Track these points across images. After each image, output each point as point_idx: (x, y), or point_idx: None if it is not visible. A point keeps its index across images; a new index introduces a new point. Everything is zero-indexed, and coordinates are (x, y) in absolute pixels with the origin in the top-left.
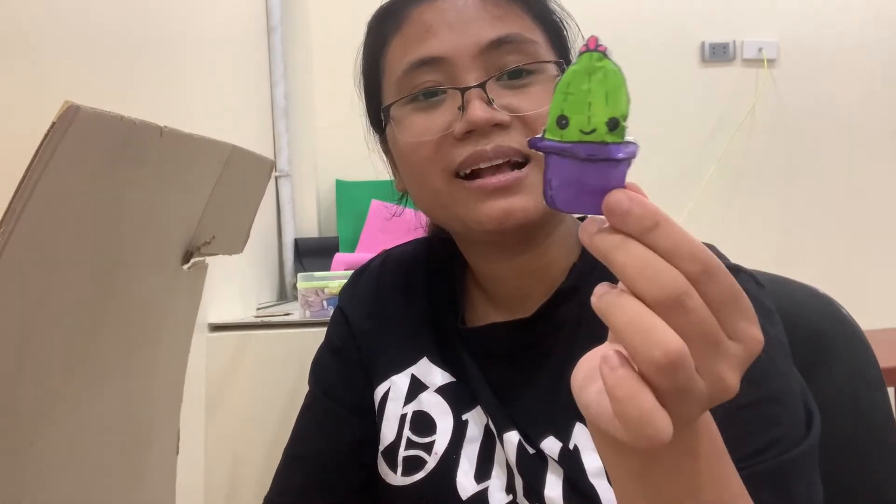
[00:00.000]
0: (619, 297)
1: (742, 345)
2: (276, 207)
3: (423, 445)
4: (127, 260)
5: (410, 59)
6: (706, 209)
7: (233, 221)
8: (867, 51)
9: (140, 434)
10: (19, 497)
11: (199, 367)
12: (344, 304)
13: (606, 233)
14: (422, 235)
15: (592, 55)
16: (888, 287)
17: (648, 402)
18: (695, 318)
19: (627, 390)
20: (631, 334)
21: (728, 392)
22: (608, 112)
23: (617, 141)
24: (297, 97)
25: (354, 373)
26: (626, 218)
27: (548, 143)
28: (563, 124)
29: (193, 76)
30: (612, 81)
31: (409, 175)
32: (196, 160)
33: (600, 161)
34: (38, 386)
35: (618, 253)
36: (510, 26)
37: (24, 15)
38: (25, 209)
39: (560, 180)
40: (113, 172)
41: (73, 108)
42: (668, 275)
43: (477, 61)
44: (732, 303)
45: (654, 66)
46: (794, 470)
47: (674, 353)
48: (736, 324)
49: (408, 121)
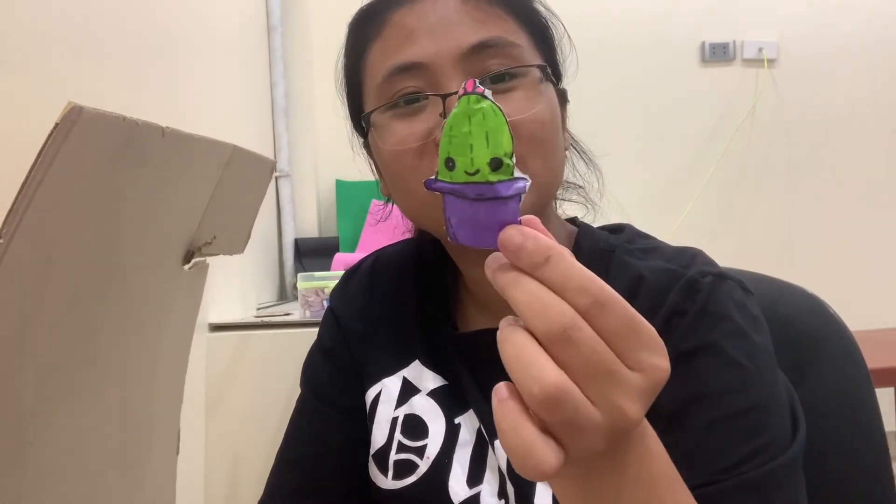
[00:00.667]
0: (511, 332)
1: (642, 374)
2: (277, 207)
3: (414, 449)
4: (128, 260)
5: (391, 65)
6: (706, 209)
7: (233, 221)
8: (867, 51)
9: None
10: (19, 497)
11: (199, 367)
12: (335, 305)
13: (503, 268)
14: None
15: (470, 98)
16: (888, 287)
17: (529, 435)
18: (585, 350)
19: (510, 423)
20: (515, 368)
21: (630, 421)
22: (490, 152)
23: (503, 179)
24: (297, 97)
25: (345, 374)
26: (519, 253)
27: (440, 185)
28: (450, 166)
29: (194, 76)
30: (492, 122)
31: (392, 182)
32: (197, 160)
33: (489, 199)
34: (38, 386)
35: (512, 288)
36: (492, 29)
37: (25, 15)
38: (28, 209)
39: (458, 218)
40: (115, 172)
41: (76, 109)
42: (555, 309)
43: (459, 66)
44: (628, 333)
45: (654, 66)
46: (779, 479)
47: (550, 387)
48: (635, 354)
49: (389, 128)
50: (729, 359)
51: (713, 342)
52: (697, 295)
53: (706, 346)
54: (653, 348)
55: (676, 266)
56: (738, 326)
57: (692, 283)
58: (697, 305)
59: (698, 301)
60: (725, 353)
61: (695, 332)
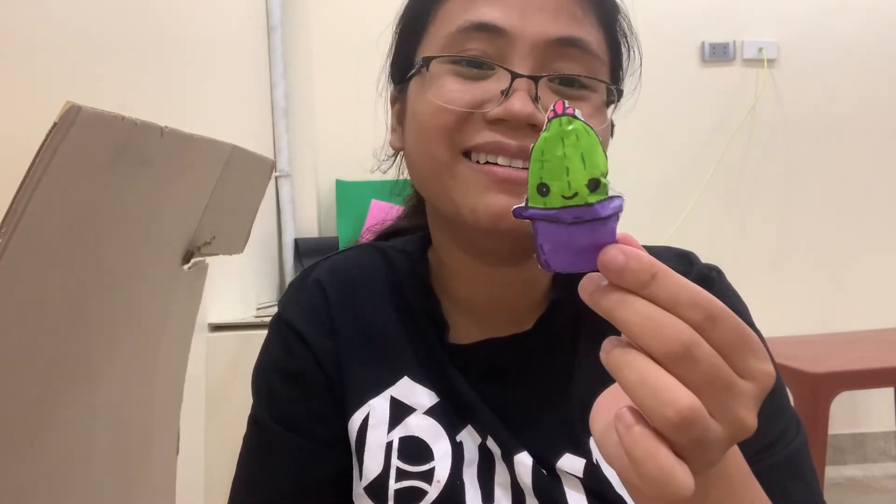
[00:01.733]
0: (626, 355)
1: (755, 382)
2: (276, 207)
3: (419, 475)
4: (127, 260)
5: (470, 18)
6: (706, 209)
7: (233, 221)
8: (867, 51)
9: (140, 434)
10: (20, 497)
11: (199, 367)
12: (294, 321)
13: (605, 290)
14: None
15: (562, 119)
16: (888, 287)
17: (667, 461)
18: (705, 366)
19: (644, 450)
20: (641, 393)
21: (748, 430)
22: (587, 174)
23: (601, 198)
24: (297, 97)
25: (319, 400)
26: (623, 273)
27: (533, 212)
28: (543, 192)
29: (194, 76)
30: (586, 142)
31: (416, 136)
32: (197, 160)
33: (588, 222)
34: (38, 386)
35: (619, 310)
36: (582, 31)
37: (25, 15)
38: (27, 209)
39: (552, 245)
40: (114, 172)
41: (74, 109)
42: (673, 327)
43: (535, 51)
44: (740, 343)
45: (654, 66)
46: (802, 455)
47: (685, 409)
48: (747, 363)
49: (442, 80)
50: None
51: None
52: (711, 288)
53: None
54: (760, 355)
55: (684, 264)
56: (744, 315)
57: (703, 278)
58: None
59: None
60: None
61: None
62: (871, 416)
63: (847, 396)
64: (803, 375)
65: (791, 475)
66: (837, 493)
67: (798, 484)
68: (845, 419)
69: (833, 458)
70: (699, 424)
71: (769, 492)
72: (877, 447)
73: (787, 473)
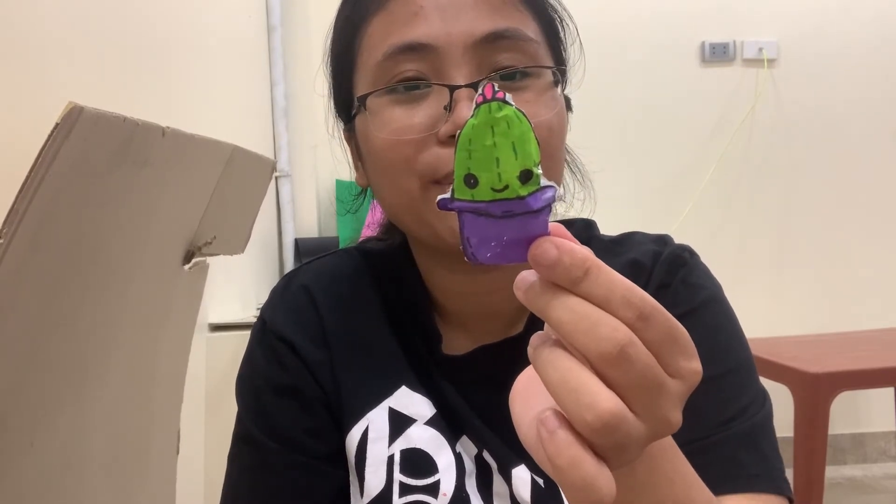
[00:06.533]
0: (551, 353)
1: (683, 381)
2: (276, 207)
3: (423, 488)
4: (128, 260)
5: (393, 43)
6: (706, 209)
7: (234, 221)
8: (867, 51)
9: (140, 434)
10: (20, 497)
11: (199, 367)
12: (282, 330)
13: (538, 287)
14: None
15: (491, 105)
16: (888, 287)
17: (590, 469)
18: (639, 367)
19: (568, 458)
20: (562, 395)
21: (672, 429)
22: (519, 165)
23: (532, 190)
24: (297, 97)
25: (314, 413)
26: (555, 269)
27: (459, 205)
28: (471, 183)
29: (194, 76)
30: (517, 130)
31: (380, 173)
32: (198, 161)
33: (519, 215)
34: (39, 386)
35: (553, 308)
36: (508, 20)
37: (25, 16)
38: (29, 209)
39: (479, 238)
40: (115, 173)
41: (76, 109)
42: (608, 326)
43: (468, 55)
44: (671, 342)
45: (654, 66)
46: (764, 428)
47: (606, 414)
48: (676, 362)
49: (385, 114)
50: (713, 322)
51: (695, 309)
52: (680, 269)
53: (691, 312)
54: (689, 353)
55: (658, 245)
56: (714, 293)
57: (674, 259)
58: (679, 277)
59: (680, 274)
60: (708, 318)
61: (679, 302)
62: (871, 416)
63: (847, 396)
64: (803, 375)
65: (747, 447)
66: (837, 493)
67: (753, 454)
68: (845, 419)
69: (833, 458)
70: (621, 429)
71: (722, 462)
72: (877, 447)
73: (744, 445)
